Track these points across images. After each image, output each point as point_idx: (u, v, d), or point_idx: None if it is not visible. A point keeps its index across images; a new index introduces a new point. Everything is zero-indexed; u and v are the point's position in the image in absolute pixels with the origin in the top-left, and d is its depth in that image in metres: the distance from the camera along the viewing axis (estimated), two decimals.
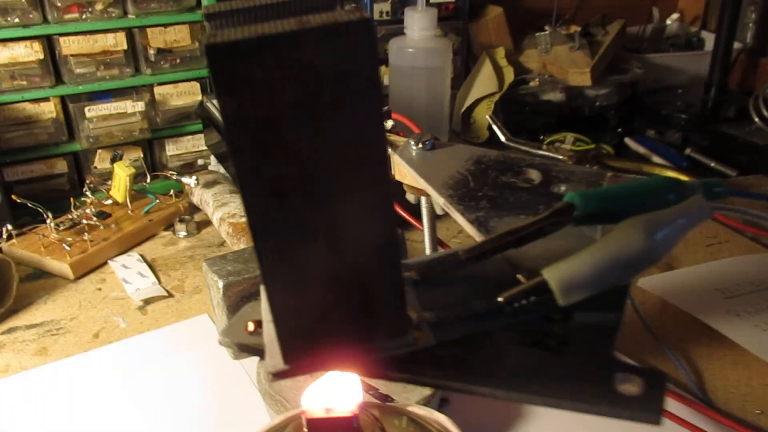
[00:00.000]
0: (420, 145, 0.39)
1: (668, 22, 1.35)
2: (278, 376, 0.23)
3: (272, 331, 0.23)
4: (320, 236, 0.21)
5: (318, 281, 0.22)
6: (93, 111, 0.88)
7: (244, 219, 0.73)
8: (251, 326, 0.27)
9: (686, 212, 0.25)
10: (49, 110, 0.87)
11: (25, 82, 0.85)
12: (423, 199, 0.44)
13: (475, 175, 0.33)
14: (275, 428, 0.33)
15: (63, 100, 0.88)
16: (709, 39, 1.30)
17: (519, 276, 0.26)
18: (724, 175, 1.04)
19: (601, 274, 0.23)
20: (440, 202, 0.33)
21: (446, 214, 0.33)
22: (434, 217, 0.49)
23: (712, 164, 1.06)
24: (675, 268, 0.75)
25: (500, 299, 0.23)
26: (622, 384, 0.21)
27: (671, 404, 0.52)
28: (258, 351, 0.26)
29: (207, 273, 0.53)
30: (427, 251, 0.56)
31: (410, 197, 0.45)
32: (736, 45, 1.23)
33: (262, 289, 0.23)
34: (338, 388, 0.26)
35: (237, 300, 0.51)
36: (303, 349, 0.22)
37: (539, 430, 0.51)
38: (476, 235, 0.30)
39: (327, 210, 0.20)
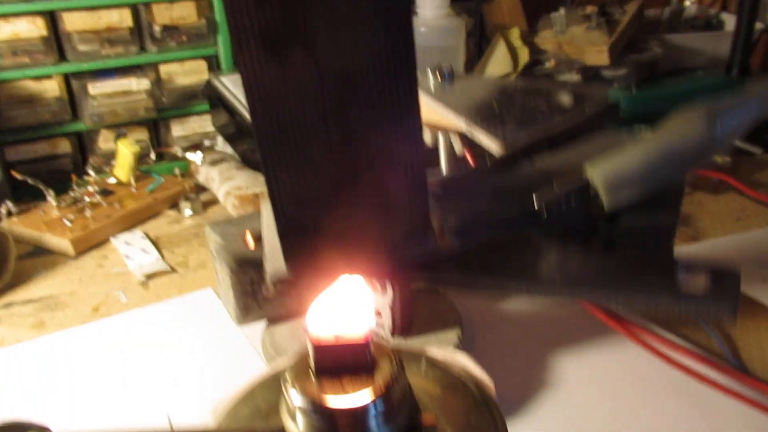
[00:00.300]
0: (438, 76, 0.36)
1: (687, 4, 1.31)
2: (280, 282, 0.20)
3: (274, 240, 0.20)
4: (330, 123, 0.17)
5: (328, 169, 0.19)
6: (97, 88, 0.85)
7: (250, 191, 0.70)
8: (249, 238, 0.24)
9: (757, 96, 0.21)
10: (51, 88, 0.85)
11: (27, 59, 0.83)
12: (441, 138, 0.41)
13: (501, 101, 0.30)
14: (276, 373, 0.30)
15: (66, 78, 0.86)
16: (729, 20, 1.26)
17: (555, 183, 0.23)
18: (748, 153, 1.00)
19: (653, 168, 0.19)
20: (461, 125, 0.30)
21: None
22: (453, 158, 0.45)
23: (736, 143, 1.02)
24: (701, 240, 0.71)
25: (536, 203, 0.20)
26: (688, 280, 0.18)
27: (707, 370, 0.49)
28: (258, 262, 0.23)
29: (209, 235, 0.50)
30: None
31: (427, 137, 0.42)
32: (758, 25, 1.19)
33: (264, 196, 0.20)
34: (347, 312, 0.23)
35: (241, 262, 0.48)
36: (309, 251, 0.19)
37: (562, 400, 0.48)
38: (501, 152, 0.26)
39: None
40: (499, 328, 0.56)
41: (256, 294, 0.49)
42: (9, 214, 0.76)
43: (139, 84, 0.87)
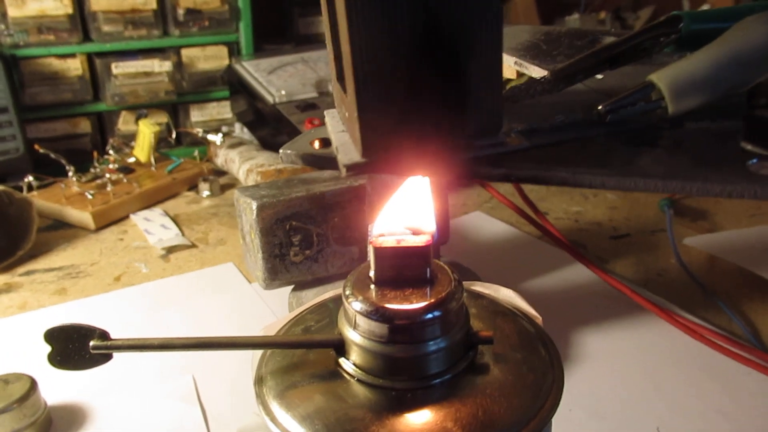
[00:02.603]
0: None
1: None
2: (353, 169, 0.20)
3: (344, 138, 0.21)
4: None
5: (408, 43, 0.19)
6: (119, 68, 0.86)
7: (272, 167, 0.71)
8: (317, 143, 0.24)
9: None
10: (75, 67, 0.85)
11: (52, 37, 0.84)
12: None
13: (548, 42, 0.31)
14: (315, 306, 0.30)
15: (90, 58, 0.87)
16: None
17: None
18: (761, 156, 1.01)
19: (719, 73, 0.20)
20: (511, 62, 0.30)
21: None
22: None
23: (749, 147, 1.03)
24: (716, 232, 0.71)
25: (600, 107, 0.21)
26: (759, 168, 0.18)
27: (730, 347, 0.49)
28: (326, 160, 0.24)
29: (239, 199, 0.50)
30: None
31: None
32: None
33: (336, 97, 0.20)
34: (410, 219, 0.23)
35: (271, 223, 0.48)
36: (383, 139, 0.19)
37: (586, 371, 0.48)
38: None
39: None
40: None
41: (284, 257, 0.49)
42: (30, 188, 0.77)
43: (161, 66, 0.88)
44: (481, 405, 0.22)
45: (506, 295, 0.29)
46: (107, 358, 0.24)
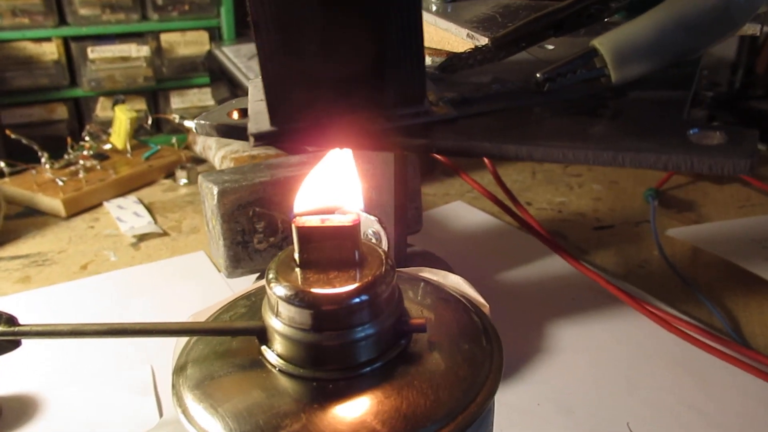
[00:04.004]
0: None
1: None
2: (261, 138, 0.18)
3: (260, 106, 0.19)
4: None
5: (317, 10, 0.17)
6: (96, 52, 0.84)
7: (246, 153, 0.69)
8: (235, 114, 0.22)
9: None
10: (50, 51, 0.84)
11: (27, 20, 0.82)
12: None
13: (504, 15, 0.29)
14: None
15: (66, 42, 0.85)
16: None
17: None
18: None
19: (664, 38, 0.18)
20: (463, 34, 0.29)
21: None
22: None
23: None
24: (703, 223, 0.70)
25: (538, 75, 0.19)
26: (700, 138, 0.17)
27: (708, 342, 0.47)
28: (239, 130, 0.22)
29: (202, 184, 0.49)
30: None
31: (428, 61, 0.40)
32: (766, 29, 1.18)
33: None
34: (335, 196, 0.21)
35: (233, 209, 0.47)
36: (295, 108, 0.18)
37: (558, 365, 0.46)
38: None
39: None
40: (497, 297, 0.55)
41: (247, 245, 0.48)
42: (1, 174, 0.75)
43: (139, 51, 0.86)
44: (407, 397, 0.20)
45: (454, 281, 0.27)
46: (15, 344, 0.23)
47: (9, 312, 0.22)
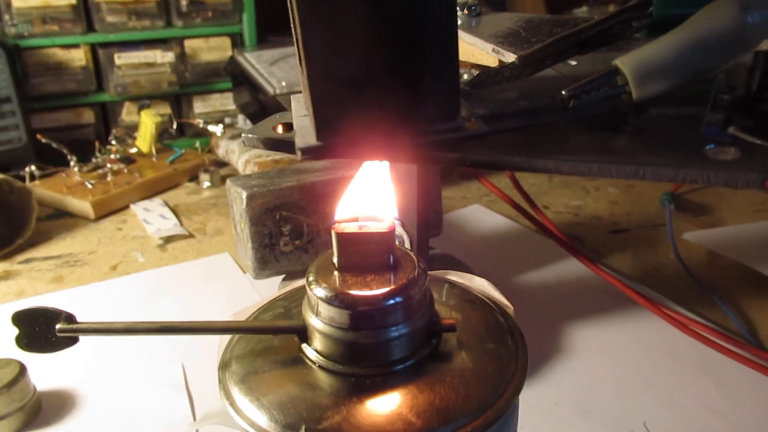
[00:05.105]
0: (465, 11, 0.36)
1: None
2: (308, 152, 0.20)
3: (305, 122, 0.21)
4: None
5: (361, 34, 0.19)
6: (122, 59, 0.87)
7: (270, 158, 0.71)
8: (280, 128, 0.24)
9: None
10: (78, 57, 0.86)
11: (56, 27, 0.84)
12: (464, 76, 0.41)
13: (528, 30, 0.30)
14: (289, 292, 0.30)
15: (93, 48, 0.87)
16: None
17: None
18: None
19: (683, 58, 0.19)
20: (489, 49, 0.30)
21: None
22: None
23: (758, 142, 1.01)
24: (718, 227, 0.70)
25: (563, 92, 0.20)
26: (715, 153, 0.18)
27: (724, 344, 0.48)
28: (286, 144, 0.23)
29: (230, 188, 0.51)
30: None
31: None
32: None
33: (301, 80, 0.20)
34: (372, 205, 0.23)
35: (260, 212, 0.48)
36: (339, 124, 0.19)
37: (577, 366, 0.47)
38: None
39: None
40: (516, 300, 0.56)
41: (274, 247, 0.49)
42: (32, 177, 0.77)
43: (163, 57, 0.88)
44: (439, 393, 0.21)
45: (479, 284, 0.29)
46: (73, 341, 0.24)
47: None
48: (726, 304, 0.55)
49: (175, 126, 0.87)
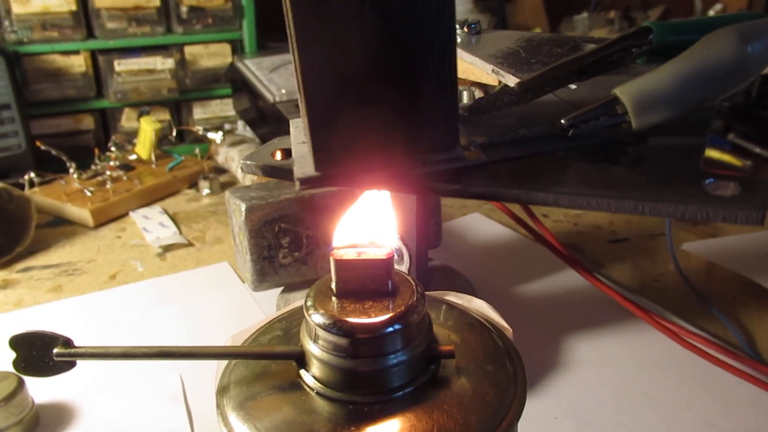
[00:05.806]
0: (465, 29, 0.36)
1: (711, 12, 1.31)
2: (306, 183, 0.20)
3: (303, 149, 0.21)
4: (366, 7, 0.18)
5: (360, 58, 0.19)
6: (122, 65, 0.86)
7: None
8: (279, 154, 0.24)
9: None
10: (78, 63, 0.86)
11: (56, 33, 0.84)
12: (464, 94, 0.41)
13: (527, 49, 0.30)
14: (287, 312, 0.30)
15: (93, 55, 0.87)
16: None
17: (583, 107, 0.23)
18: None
19: (683, 89, 0.19)
20: (488, 69, 0.30)
21: None
22: None
23: (757, 150, 1.01)
24: (719, 237, 0.70)
25: (563, 121, 0.20)
26: (714, 189, 0.18)
27: (723, 357, 0.48)
28: (284, 172, 0.23)
29: (229, 200, 0.51)
30: None
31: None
32: None
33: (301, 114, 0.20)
34: (369, 230, 0.23)
35: (259, 225, 0.48)
36: (337, 154, 0.19)
37: (573, 378, 0.47)
38: None
39: None
40: (514, 312, 0.56)
41: (273, 259, 0.49)
42: (31, 184, 0.77)
43: (163, 63, 0.88)
44: (437, 421, 0.21)
45: (478, 305, 0.29)
46: (71, 365, 0.24)
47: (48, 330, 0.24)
48: (725, 316, 0.55)
49: (174, 133, 0.87)
